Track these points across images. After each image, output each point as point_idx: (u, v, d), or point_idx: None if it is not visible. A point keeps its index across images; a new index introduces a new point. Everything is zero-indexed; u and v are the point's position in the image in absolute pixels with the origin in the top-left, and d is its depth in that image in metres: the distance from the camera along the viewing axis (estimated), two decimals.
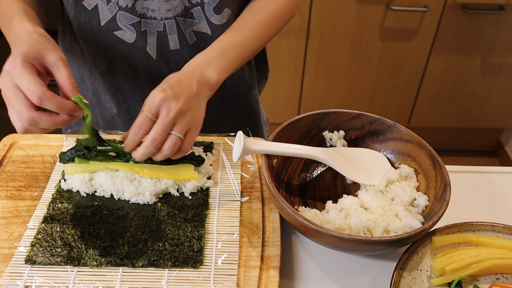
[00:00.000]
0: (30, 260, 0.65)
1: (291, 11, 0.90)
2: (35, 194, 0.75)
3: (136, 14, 0.83)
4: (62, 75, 0.65)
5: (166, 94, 0.69)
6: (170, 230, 0.70)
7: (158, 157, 0.70)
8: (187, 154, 0.75)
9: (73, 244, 0.67)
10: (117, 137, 0.85)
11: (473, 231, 0.69)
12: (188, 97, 0.72)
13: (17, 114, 0.63)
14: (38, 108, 0.64)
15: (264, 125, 1.15)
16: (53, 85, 0.67)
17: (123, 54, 0.88)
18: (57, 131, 0.89)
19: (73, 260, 0.65)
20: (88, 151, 0.72)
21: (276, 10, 0.87)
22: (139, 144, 0.70)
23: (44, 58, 0.65)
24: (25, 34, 0.68)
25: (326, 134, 0.83)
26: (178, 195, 0.76)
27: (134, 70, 0.91)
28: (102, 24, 0.84)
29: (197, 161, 0.77)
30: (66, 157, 0.74)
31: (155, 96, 0.69)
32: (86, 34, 0.87)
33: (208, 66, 0.76)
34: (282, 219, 0.73)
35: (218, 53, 0.78)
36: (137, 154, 0.69)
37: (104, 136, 0.85)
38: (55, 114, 0.65)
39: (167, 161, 0.75)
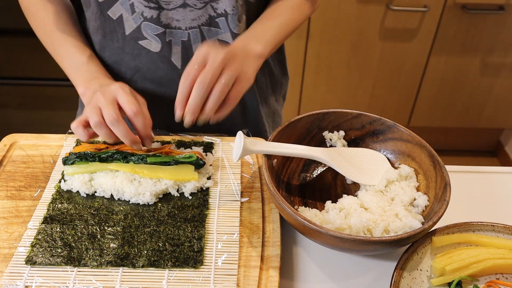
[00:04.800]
0: (30, 261, 0.65)
1: (310, 7, 0.95)
2: (35, 194, 0.75)
3: (161, 25, 0.84)
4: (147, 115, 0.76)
5: (213, 45, 0.75)
6: (170, 230, 0.70)
7: (208, 108, 0.73)
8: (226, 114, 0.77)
9: (73, 244, 0.67)
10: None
11: (473, 231, 0.69)
12: (235, 52, 0.76)
13: (105, 112, 0.71)
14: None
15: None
16: None
17: (148, 63, 0.89)
18: (57, 131, 0.90)
19: (73, 260, 0.65)
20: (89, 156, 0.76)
21: (295, 8, 0.91)
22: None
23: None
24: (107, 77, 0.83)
25: (326, 134, 0.83)
26: (178, 195, 0.76)
27: (158, 79, 0.91)
28: (127, 33, 0.85)
29: (198, 164, 0.77)
30: (69, 161, 0.76)
31: (201, 47, 0.74)
32: (112, 43, 0.88)
33: (252, 40, 0.82)
34: (282, 219, 0.73)
35: (259, 31, 0.85)
36: (191, 99, 0.72)
37: None
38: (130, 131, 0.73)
39: (169, 163, 0.76)
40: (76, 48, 0.87)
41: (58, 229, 0.69)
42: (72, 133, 0.87)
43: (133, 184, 0.74)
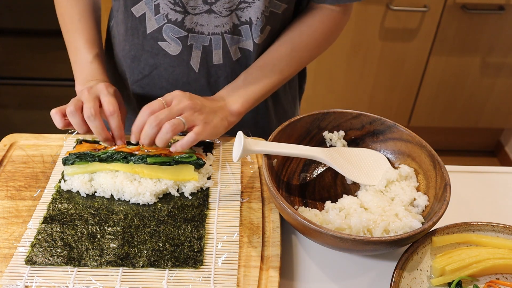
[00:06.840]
0: (30, 261, 0.65)
1: (327, 41, 0.91)
2: (35, 194, 0.75)
3: (184, 29, 0.84)
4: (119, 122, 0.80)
5: (185, 93, 0.78)
6: (170, 230, 0.70)
7: (159, 139, 0.73)
8: (186, 149, 0.77)
9: (73, 244, 0.67)
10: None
11: (473, 231, 0.69)
12: (204, 105, 0.78)
13: (85, 107, 0.76)
14: None
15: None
16: None
17: (165, 64, 0.89)
18: (57, 131, 0.90)
19: (73, 260, 0.65)
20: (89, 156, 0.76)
21: (311, 40, 0.89)
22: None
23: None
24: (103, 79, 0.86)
25: (326, 134, 0.83)
26: (178, 195, 0.76)
27: (174, 79, 0.91)
28: (147, 32, 0.86)
29: (198, 164, 0.77)
30: (69, 161, 0.76)
31: (174, 91, 0.78)
32: (132, 39, 0.88)
33: (232, 96, 0.84)
34: (282, 219, 0.73)
35: (242, 85, 0.85)
36: (142, 134, 0.74)
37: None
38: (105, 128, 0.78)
39: (169, 163, 0.76)
40: (86, 44, 0.89)
41: (58, 229, 0.69)
42: (72, 133, 0.87)
43: (133, 184, 0.74)
